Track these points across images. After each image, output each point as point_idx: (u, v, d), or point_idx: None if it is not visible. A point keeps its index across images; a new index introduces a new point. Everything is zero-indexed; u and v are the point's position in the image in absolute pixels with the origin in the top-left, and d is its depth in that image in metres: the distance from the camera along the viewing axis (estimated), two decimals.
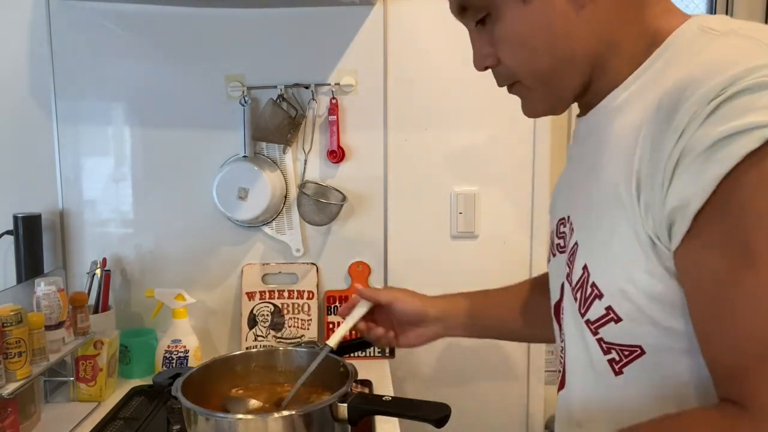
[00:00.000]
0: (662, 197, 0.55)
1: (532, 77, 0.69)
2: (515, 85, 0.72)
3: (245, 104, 1.44)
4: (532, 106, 0.73)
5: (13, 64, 1.44)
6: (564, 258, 0.73)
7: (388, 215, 1.52)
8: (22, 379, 1.06)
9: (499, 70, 0.72)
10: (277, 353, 1.11)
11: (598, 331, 0.64)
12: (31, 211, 1.41)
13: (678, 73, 0.57)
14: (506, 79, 0.72)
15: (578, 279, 0.65)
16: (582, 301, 0.65)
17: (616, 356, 0.63)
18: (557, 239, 0.77)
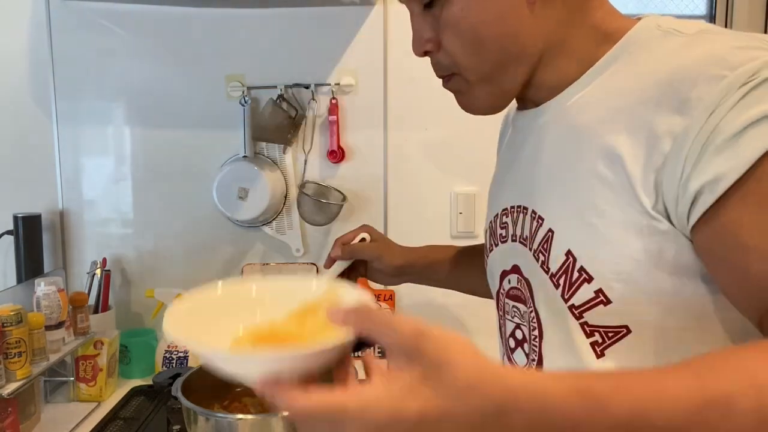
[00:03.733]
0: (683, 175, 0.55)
1: (474, 70, 0.67)
2: (453, 78, 0.70)
3: (245, 104, 1.44)
4: (470, 101, 0.72)
5: (13, 64, 1.45)
6: (508, 247, 0.74)
7: (388, 215, 1.52)
8: (22, 379, 1.06)
9: (439, 59, 0.69)
10: None
11: (583, 315, 0.63)
12: (31, 211, 1.41)
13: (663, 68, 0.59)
14: (445, 69, 0.69)
15: (560, 266, 0.64)
16: (566, 287, 0.64)
17: (599, 339, 0.63)
18: (499, 230, 0.77)
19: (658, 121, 0.57)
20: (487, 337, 1.60)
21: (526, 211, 0.71)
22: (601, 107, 0.63)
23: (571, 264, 0.63)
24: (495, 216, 0.79)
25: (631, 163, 0.59)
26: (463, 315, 1.54)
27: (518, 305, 0.73)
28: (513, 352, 0.76)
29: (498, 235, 0.77)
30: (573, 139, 0.66)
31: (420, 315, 1.54)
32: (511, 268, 0.74)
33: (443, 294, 1.53)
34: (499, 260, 0.78)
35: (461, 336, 0.46)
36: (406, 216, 1.52)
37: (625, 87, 0.62)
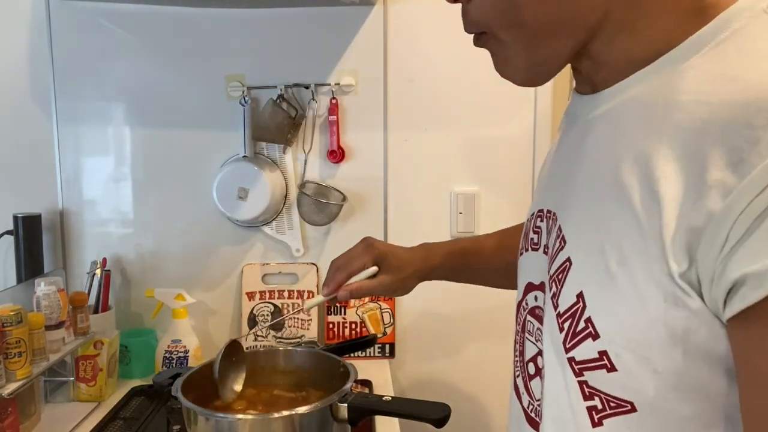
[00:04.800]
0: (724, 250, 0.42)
1: (510, 30, 0.54)
2: (483, 37, 0.58)
3: (245, 104, 1.44)
4: (505, 65, 0.57)
5: (13, 64, 1.44)
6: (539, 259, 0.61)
7: (388, 215, 1.52)
8: (22, 379, 1.06)
9: (467, 10, 0.58)
10: (277, 353, 1.11)
11: (584, 374, 0.51)
12: (31, 211, 1.41)
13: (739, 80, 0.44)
14: (473, 26, 0.58)
15: (569, 307, 0.52)
16: (570, 335, 0.52)
17: (598, 404, 0.51)
18: (532, 234, 0.64)
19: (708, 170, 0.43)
20: (493, 339, 1.60)
21: (555, 223, 0.58)
22: (659, 113, 0.48)
23: (581, 310, 0.51)
24: (531, 215, 0.66)
25: (670, 208, 0.45)
26: (465, 314, 1.54)
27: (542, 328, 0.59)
28: (531, 380, 0.62)
29: (530, 240, 0.65)
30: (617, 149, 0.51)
31: (420, 315, 1.54)
32: (539, 284, 0.62)
33: (443, 294, 1.54)
34: (527, 268, 0.66)
35: None
36: (406, 216, 1.52)
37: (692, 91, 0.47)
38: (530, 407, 0.62)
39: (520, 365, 0.65)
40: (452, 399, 1.02)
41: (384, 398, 0.92)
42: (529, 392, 0.63)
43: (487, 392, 1.57)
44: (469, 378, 1.55)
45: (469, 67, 1.47)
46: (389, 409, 0.92)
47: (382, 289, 0.96)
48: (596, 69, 0.55)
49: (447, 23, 1.46)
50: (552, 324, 0.55)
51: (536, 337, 0.62)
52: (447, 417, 0.89)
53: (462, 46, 1.46)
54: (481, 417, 1.57)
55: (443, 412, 0.89)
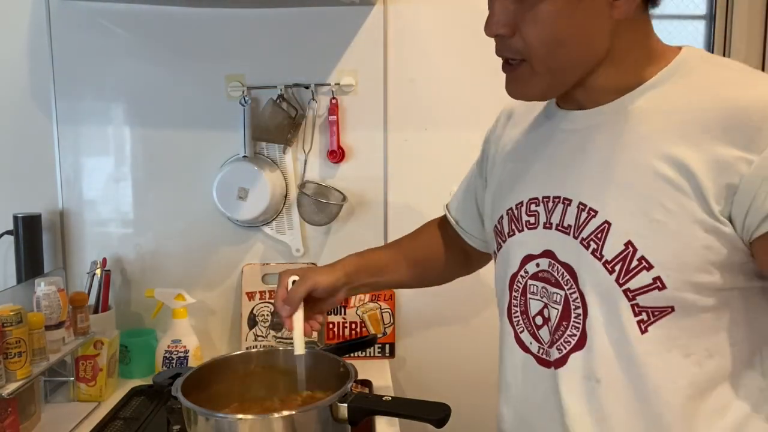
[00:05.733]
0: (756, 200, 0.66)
1: (546, 63, 0.74)
2: (520, 64, 0.76)
3: (245, 104, 1.44)
4: (525, 88, 0.78)
5: (13, 64, 1.44)
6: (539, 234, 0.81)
7: (388, 215, 1.52)
8: (22, 379, 1.06)
9: (512, 43, 0.75)
10: (277, 353, 1.11)
11: (636, 298, 0.72)
12: (31, 211, 1.41)
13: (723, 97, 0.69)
14: (515, 53, 0.76)
15: (618, 254, 0.73)
16: (623, 273, 0.72)
17: (645, 317, 0.73)
18: (526, 217, 0.84)
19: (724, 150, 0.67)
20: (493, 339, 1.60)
21: (567, 202, 0.78)
22: (661, 118, 0.72)
23: (631, 253, 0.72)
24: (518, 203, 0.85)
25: (702, 175, 0.68)
26: (465, 314, 1.54)
27: (548, 287, 0.81)
28: (539, 329, 0.83)
29: (523, 222, 0.84)
30: (634, 144, 0.73)
31: (420, 315, 1.54)
32: (541, 252, 0.81)
33: (443, 294, 1.54)
34: (522, 244, 0.84)
35: None
36: (406, 216, 1.52)
37: (682, 104, 0.72)
38: (540, 351, 0.82)
39: (524, 322, 0.85)
40: (452, 399, 1.02)
41: (384, 398, 0.92)
42: (539, 340, 0.83)
43: (487, 392, 1.56)
44: (469, 378, 1.55)
45: (469, 67, 1.47)
46: (389, 409, 0.92)
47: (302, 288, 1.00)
48: (587, 92, 0.78)
49: (447, 23, 1.46)
50: (595, 271, 0.74)
51: (540, 295, 0.82)
52: (447, 417, 0.89)
53: (462, 46, 1.47)
54: (481, 417, 1.57)
55: (443, 412, 0.89)
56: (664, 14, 1.74)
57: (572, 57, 0.74)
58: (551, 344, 0.80)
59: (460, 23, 1.46)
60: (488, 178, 0.99)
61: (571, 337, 0.78)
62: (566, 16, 0.71)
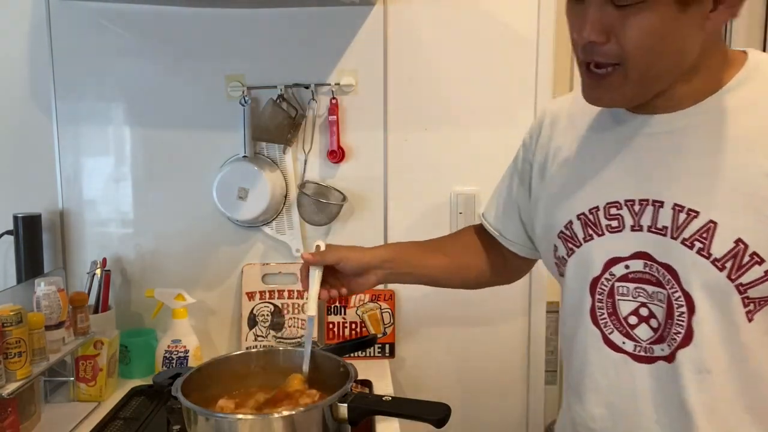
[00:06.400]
0: None
1: (640, 71, 0.76)
2: (613, 71, 0.77)
3: (245, 104, 1.44)
4: (614, 95, 0.80)
5: (13, 64, 1.44)
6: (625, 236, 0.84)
7: (388, 215, 1.52)
8: (22, 379, 1.06)
9: (606, 49, 0.76)
10: (277, 353, 1.11)
11: (747, 291, 0.76)
12: (31, 211, 1.41)
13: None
14: (609, 58, 0.76)
15: (728, 251, 0.76)
16: (734, 269, 0.76)
17: (752, 307, 0.77)
18: (606, 221, 0.86)
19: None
20: (493, 339, 1.60)
21: (659, 204, 0.81)
22: (752, 118, 0.77)
23: (742, 250, 0.75)
24: (592, 208, 0.87)
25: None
26: (465, 314, 1.54)
27: (645, 287, 0.83)
28: (634, 329, 0.85)
29: (603, 226, 0.86)
30: (732, 144, 0.77)
31: (420, 315, 1.54)
32: (632, 254, 0.84)
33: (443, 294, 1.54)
34: (605, 248, 0.86)
35: None
36: (406, 216, 1.52)
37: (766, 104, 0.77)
38: (638, 349, 0.85)
39: (613, 323, 0.87)
40: (452, 399, 1.02)
41: (384, 398, 0.92)
42: (634, 338, 0.85)
43: (488, 392, 1.57)
44: (469, 378, 1.55)
45: (469, 67, 1.47)
46: (389, 409, 0.92)
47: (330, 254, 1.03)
48: (664, 99, 0.81)
49: (447, 23, 1.46)
50: (703, 271, 0.78)
51: (634, 295, 0.84)
52: (447, 417, 0.89)
53: (462, 46, 1.47)
54: (480, 417, 1.57)
55: (443, 412, 0.89)
56: None
57: (666, 67, 0.76)
58: (655, 341, 0.83)
59: (460, 23, 1.46)
60: (535, 186, 0.99)
61: (676, 335, 0.81)
62: (669, 27, 0.73)
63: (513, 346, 1.54)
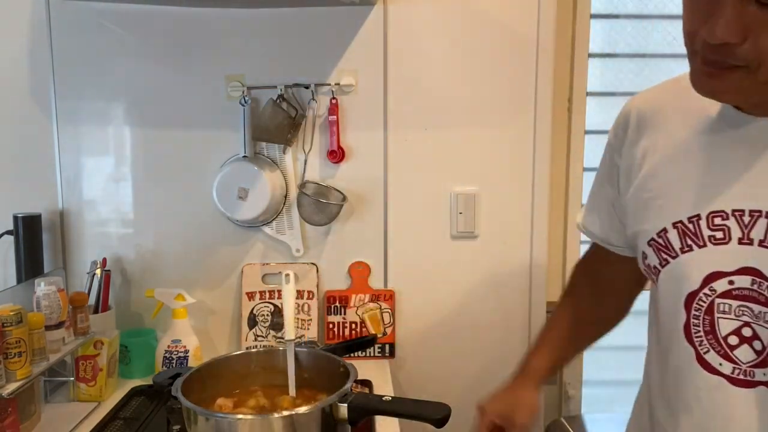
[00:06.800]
0: None
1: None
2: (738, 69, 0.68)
3: (245, 104, 1.44)
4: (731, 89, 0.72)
5: (13, 64, 1.44)
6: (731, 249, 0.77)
7: (388, 215, 1.52)
8: (22, 379, 1.06)
9: (739, 50, 0.67)
10: (277, 353, 1.11)
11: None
12: (31, 211, 1.41)
13: None
14: (741, 60, 0.68)
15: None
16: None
17: None
18: (710, 232, 0.79)
19: None
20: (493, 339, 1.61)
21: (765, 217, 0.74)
22: None
23: None
24: (692, 216, 0.80)
25: None
26: (465, 314, 1.54)
27: (751, 306, 0.76)
28: (734, 350, 0.79)
29: (705, 237, 0.79)
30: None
31: (420, 315, 1.54)
32: (737, 270, 0.77)
33: (443, 294, 1.54)
34: (705, 261, 0.79)
35: None
36: (406, 216, 1.52)
37: None
38: (736, 372, 0.79)
39: (709, 342, 0.80)
40: (452, 399, 1.02)
41: (384, 398, 0.92)
42: (734, 360, 0.79)
43: (488, 392, 1.57)
44: (469, 378, 1.55)
45: (469, 67, 1.47)
46: (389, 409, 0.92)
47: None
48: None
49: (447, 23, 1.46)
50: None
51: (737, 314, 0.78)
52: (447, 417, 0.89)
53: (462, 46, 1.47)
54: None
55: (443, 412, 0.89)
56: (664, 14, 1.74)
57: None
58: (757, 365, 0.77)
59: (460, 23, 1.46)
60: (623, 189, 0.93)
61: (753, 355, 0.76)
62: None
63: (513, 346, 1.54)
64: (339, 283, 1.53)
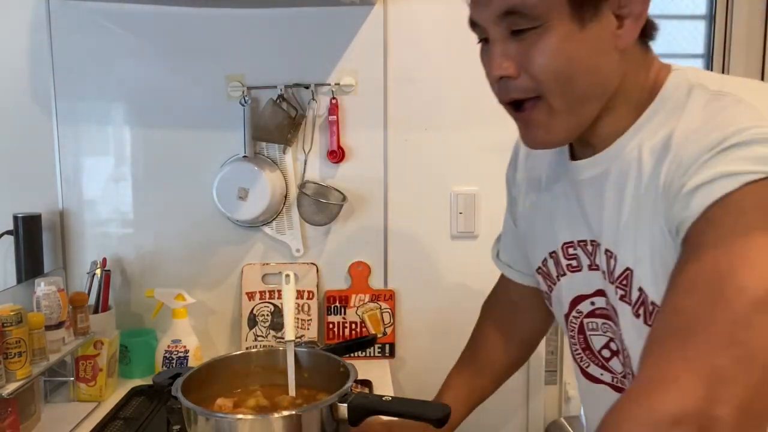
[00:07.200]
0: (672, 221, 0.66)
1: (563, 97, 0.71)
2: (537, 104, 0.72)
3: (245, 104, 1.44)
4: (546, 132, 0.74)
5: (13, 64, 1.45)
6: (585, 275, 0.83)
7: (388, 215, 1.52)
8: (22, 379, 1.06)
9: (519, 83, 0.72)
10: (277, 353, 1.11)
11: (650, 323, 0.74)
12: (31, 211, 1.41)
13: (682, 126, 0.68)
14: (526, 92, 0.72)
15: (636, 299, 0.74)
16: (647, 315, 0.74)
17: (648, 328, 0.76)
18: (566, 261, 0.85)
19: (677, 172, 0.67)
20: None
21: (599, 247, 0.79)
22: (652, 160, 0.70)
23: (645, 298, 0.73)
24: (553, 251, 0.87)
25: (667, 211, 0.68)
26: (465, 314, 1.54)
27: (610, 323, 0.82)
28: (608, 361, 0.85)
29: (565, 266, 0.86)
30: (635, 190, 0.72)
31: (420, 315, 1.54)
32: (594, 292, 0.83)
33: (443, 294, 1.54)
34: (571, 287, 0.86)
35: None
36: (406, 216, 1.52)
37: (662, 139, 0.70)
38: (615, 380, 0.85)
39: (589, 357, 0.87)
40: None
41: (384, 398, 0.92)
42: (611, 370, 0.85)
43: None
44: None
45: (469, 67, 1.46)
46: (389, 409, 0.92)
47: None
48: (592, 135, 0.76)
49: (447, 23, 1.46)
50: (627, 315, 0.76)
51: (603, 330, 0.84)
52: (447, 417, 0.89)
53: (462, 46, 1.46)
54: (480, 417, 1.57)
55: (443, 412, 0.89)
56: (664, 14, 1.74)
57: (585, 89, 0.71)
58: (626, 375, 0.83)
59: (460, 23, 1.45)
60: (518, 219, 0.98)
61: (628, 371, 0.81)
62: (572, 46, 0.69)
63: None
64: (339, 283, 1.53)
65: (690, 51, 1.77)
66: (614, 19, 0.69)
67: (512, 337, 1.09)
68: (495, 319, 1.11)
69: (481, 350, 1.12)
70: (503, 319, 1.10)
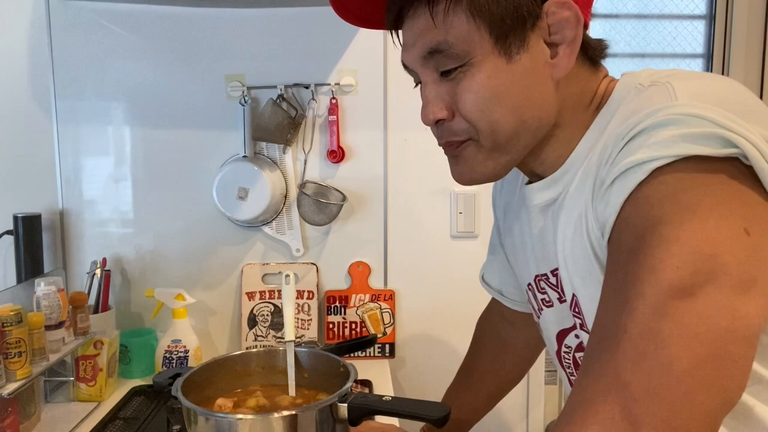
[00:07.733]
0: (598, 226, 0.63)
1: (492, 136, 0.68)
2: (467, 145, 0.70)
3: (245, 104, 1.44)
4: (475, 169, 0.72)
5: (13, 64, 1.45)
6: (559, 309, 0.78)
7: (388, 215, 1.52)
8: (22, 379, 1.06)
9: (453, 125, 0.70)
10: (277, 353, 1.11)
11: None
12: (31, 211, 1.41)
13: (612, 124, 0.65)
14: (460, 134, 0.70)
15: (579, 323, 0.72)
16: None
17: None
18: (540, 295, 0.81)
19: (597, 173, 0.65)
20: None
21: (557, 277, 0.74)
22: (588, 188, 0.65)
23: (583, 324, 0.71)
24: (529, 283, 0.83)
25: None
26: (465, 314, 1.54)
27: None
28: None
29: (540, 300, 0.81)
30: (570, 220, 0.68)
31: (420, 315, 1.54)
32: (573, 325, 0.77)
33: (443, 294, 1.54)
34: (552, 321, 0.80)
35: None
36: (406, 216, 1.52)
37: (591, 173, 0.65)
38: None
39: None
40: None
41: (384, 398, 0.92)
42: None
43: None
44: None
45: None
46: (389, 409, 0.92)
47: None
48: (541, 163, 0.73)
49: None
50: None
51: None
52: (447, 417, 0.89)
53: None
54: None
55: (443, 412, 0.89)
56: (664, 14, 1.74)
57: (517, 124, 0.67)
58: None
59: None
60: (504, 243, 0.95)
61: None
62: (500, 80, 0.65)
63: None
64: (339, 283, 1.53)
65: (690, 51, 1.77)
66: (546, 47, 0.66)
67: (507, 356, 1.07)
68: (491, 337, 1.09)
69: (475, 370, 1.10)
70: (498, 338, 1.08)
